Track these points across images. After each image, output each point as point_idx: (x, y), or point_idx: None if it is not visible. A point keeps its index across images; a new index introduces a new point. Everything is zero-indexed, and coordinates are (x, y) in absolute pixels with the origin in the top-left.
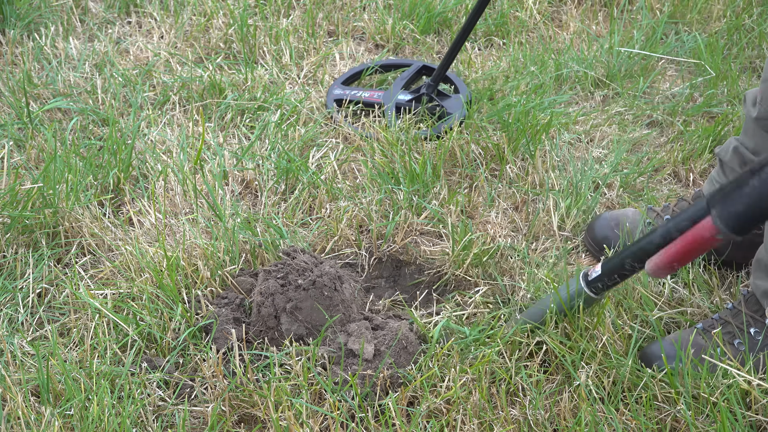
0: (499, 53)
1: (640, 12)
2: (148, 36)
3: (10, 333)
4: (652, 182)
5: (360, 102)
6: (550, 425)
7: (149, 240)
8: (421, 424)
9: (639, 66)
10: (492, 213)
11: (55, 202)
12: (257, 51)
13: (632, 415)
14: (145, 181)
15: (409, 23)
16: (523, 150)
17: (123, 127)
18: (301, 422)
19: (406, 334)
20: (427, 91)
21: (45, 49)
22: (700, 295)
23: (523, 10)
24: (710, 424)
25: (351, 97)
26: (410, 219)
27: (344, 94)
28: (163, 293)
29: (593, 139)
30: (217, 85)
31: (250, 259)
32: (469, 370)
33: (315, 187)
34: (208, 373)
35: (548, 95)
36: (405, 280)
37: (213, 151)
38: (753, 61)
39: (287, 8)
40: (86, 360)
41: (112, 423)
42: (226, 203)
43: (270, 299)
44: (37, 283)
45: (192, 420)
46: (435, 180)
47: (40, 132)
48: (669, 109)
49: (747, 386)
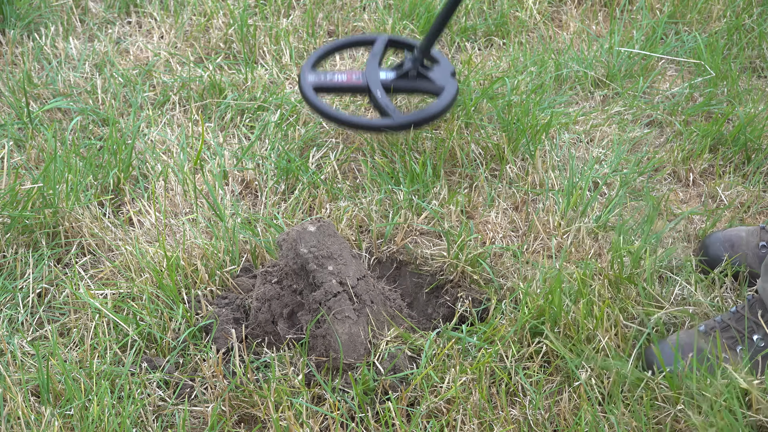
0: (499, 53)
1: (640, 12)
2: (148, 36)
3: (10, 333)
4: (652, 182)
5: (341, 88)
6: (550, 425)
7: (149, 240)
8: (421, 424)
9: (639, 66)
10: (492, 213)
11: (55, 202)
12: (257, 51)
13: (632, 415)
14: (145, 181)
15: (409, 23)
16: (523, 150)
17: (123, 127)
18: (301, 422)
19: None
20: (413, 66)
21: (45, 49)
22: (702, 293)
23: (523, 10)
24: (710, 424)
25: (330, 84)
26: (410, 219)
27: (321, 80)
28: (163, 293)
29: (593, 139)
30: (217, 85)
31: (250, 259)
32: (469, 370)
33: (315, 187)
34: (208, 373)
35: (548, 95)
36: (405, 280)
37: (213, 151)
38: (753, 61)
39: (287, 8)
40: (86, 360)
41: (112, 423)
42: (227, 203)
43: (266, 305)
44: (37, 283)
45: (192, 420)
46: (435, 180)
47: (40, 132)
48: (669, 109)
49: (746, 385)
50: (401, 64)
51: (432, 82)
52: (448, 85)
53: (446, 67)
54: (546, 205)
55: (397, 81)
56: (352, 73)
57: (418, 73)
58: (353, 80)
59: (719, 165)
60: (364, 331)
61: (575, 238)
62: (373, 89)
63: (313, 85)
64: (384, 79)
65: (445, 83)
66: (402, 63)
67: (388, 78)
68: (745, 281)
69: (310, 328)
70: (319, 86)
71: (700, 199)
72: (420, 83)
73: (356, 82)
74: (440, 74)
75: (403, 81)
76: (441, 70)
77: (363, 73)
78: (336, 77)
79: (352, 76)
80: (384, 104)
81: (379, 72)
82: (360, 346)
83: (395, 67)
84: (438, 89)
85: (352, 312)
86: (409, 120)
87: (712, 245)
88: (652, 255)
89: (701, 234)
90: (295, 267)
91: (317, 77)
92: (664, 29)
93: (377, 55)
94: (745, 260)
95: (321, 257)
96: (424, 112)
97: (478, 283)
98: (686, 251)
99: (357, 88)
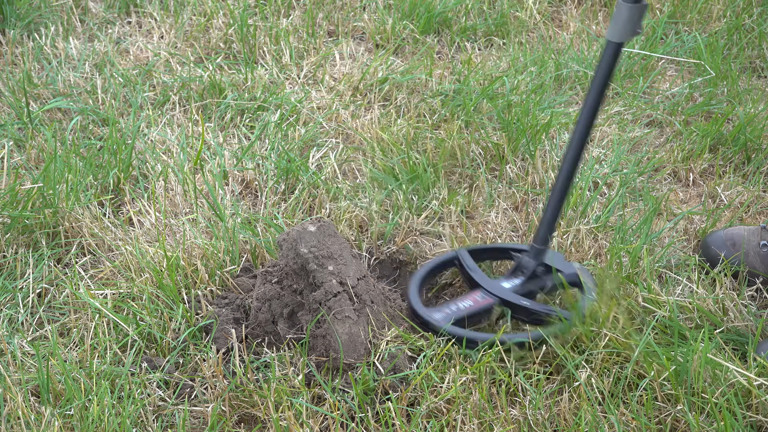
0: (499, 53)
1: None
2: (148, 36)
3: (10, 333)
4: (652, 182)
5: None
6: (550, 425)
7: (149, 240)
8: (421, 424)
9: (639, 66)
10: (492, 213)
11: (55, 202)
12: (257, 51)
13: (633, 415)
14: (145, 181)
15: (409, 23)
16: (523, 150)
17: (123, 127)
18: (301, 422)
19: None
20: (537, 269)
21: (45, 49)
22: (705, 293)
23: (523, 10)
24: (710, 423)
25: (464, 313)
26: (410, 220)
27: (450, 314)
28: (163, 293)
29: (593, 139)
30: (217, 85)
31: (250, 259)
32: (469, 370)
33: (315, 187)
34: (208, 373)
35: (548, 95)
36: (405, 280)
37: (213, 151)
38: (753, 61)
39: (287, 8)
40: (86, 360)
41: (112, 423)
42: (227, 203)
43: (267, 305)
44: (37, 283)
45: (192, 420)
46: (435, 180)
47: (40, 132)
48: (669, 109)
49: (748, 385)
50: (513, 270)
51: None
52: (570, 269)
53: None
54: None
55: (523, 287)
56: (474, 296)
57: (546, 268)
58: (480, 302)
59: (719, 165)
60: (364, 331)
61: (575, 238)
62: (514, 300)
63: (443, 320)
64: (512, 287)
65: (569, 268)
66: (518, 266)
67: (515, 284)
68: (744, 280)
69: (310, 328)
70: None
71: (700, 199)
72: (549, 278)
73: (487, 302)
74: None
75: (532, 283)
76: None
77: (481, 292)
78: (464, 305)
79: (476, 298)
80: (541, 309)
81: (498, 282)
82: (360, 346)
83: (508, 275)
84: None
85: (352, 312)
86: None
87: (713, 244)
88: (651, 255)
89: (701, 233)
90: (296, 267)
91: (440, 314)
92: (664, 29)
93: (475, 269)
94: (745, 259)
95: (321, 257)
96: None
97: None
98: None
99: (489, 307)
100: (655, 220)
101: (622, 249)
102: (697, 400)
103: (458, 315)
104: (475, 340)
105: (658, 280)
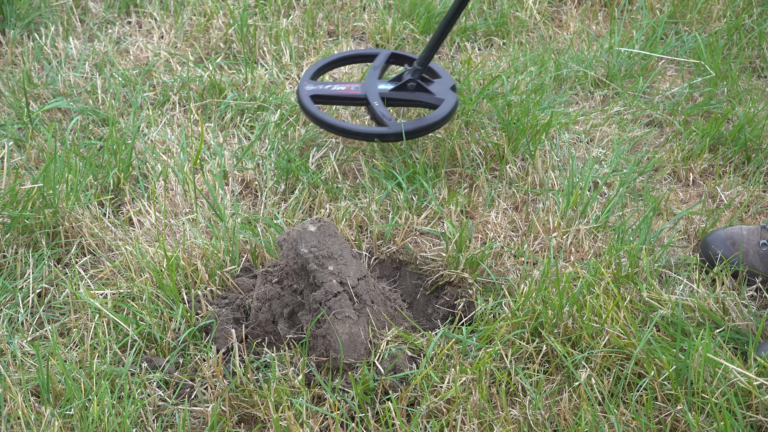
0: (499, 53)
1: (640, 12)
2: (148, 36)
3: (10, 333)
4: (652, 182)
5: (339, 98)
6: (550, 425)
7: (149, 240)
8: (421, 424)
9: (639, 66)
10: (492, 213)
11: (55, 202)
12: (257, 51)
13: (633, 415)
14: (145, 181)
15: (409, 23)
16: (523, 150)
17: (123, 127)
18: (301, 422)
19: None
20: (412, 77)
21: (45, 49)
22: (706, 291)
23: (523, 10)
24: (710, 423)
25: (327, 92)
26: (410, 220)
27: (319, 90)
28: (163, 293)
29: (593, 138)
30: (217, 85)
31: (250, 259)
32: (469, 370)
33: (315, 187)
34: (208, 373)
35: (548, 95)
36: (405, 280)
37: (213, 151)
38: (753, 61)
39: (287, 8)
40: (86, 360)
41: (112, 423)
42: (227, 203)
43: (267, 305)
44: (37, 283)
45: (192, 420)
46: (435, 180)
47: (40, 132)
48: (669, 109)
49: (748, 385)
50: (400, 76)
51: (431, 95)
52: (448, 97)
53: (447, 81)
54: (546, 205)
55: (395, 92)
56: (351, 84)
57: (417, 85)
58: (351, 91)
59: (719, 165)
60: (364, 331)
61: (575, 238)
62: (371, 99)
63: (311, 93)
64: (382, 90)
65: (444, 96)
66: (401, 75)
67: (386, 89)
68: (744, 280)
69: (311, 328)
70: (316, 95)
71: (699, 199)
72: (419, 95)
73: (354, 93)
74: (440, 87)
75: (401, 92)
76: (442, 84)
77: (362, 85)
78: (334, 87)
79: (350, 87)
80: (380, 113)
81: (377, 84)
82: (360, 346)
83: (394, 79)
84: (437, 101)
85: (352, 312)
86: (403, 129)
87: (713, 243)
88: (650, 254)
89: (701, 233)
90: (296, 267)
91: (315, 87)
92: (664, 29)
93: (378, 68)
94: (745, 258)
95: (321, 257)
96: (419, 121)
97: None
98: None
99: (355, 99)
100: (655, 219)
101: (622, 249)
102: (697, 400)
103: (323, 92)
104: (323, 121)
105: (658, 280)
